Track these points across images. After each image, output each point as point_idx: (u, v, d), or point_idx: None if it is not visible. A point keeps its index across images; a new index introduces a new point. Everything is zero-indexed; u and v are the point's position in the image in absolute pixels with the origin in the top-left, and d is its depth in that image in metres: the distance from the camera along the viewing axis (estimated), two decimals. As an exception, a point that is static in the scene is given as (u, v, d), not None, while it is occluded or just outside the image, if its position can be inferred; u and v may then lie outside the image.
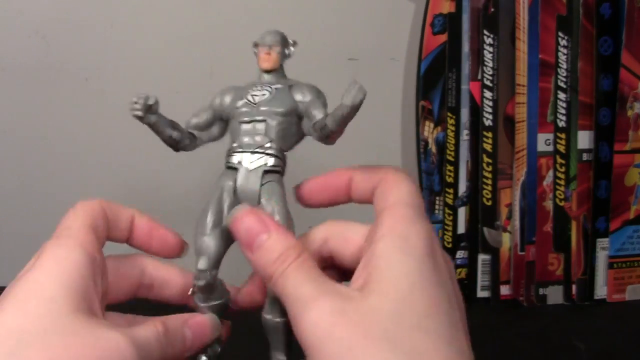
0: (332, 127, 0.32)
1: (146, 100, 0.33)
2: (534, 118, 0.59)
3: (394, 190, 0.30)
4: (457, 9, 0.58)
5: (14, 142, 0.62)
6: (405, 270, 0.26)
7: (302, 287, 0.27)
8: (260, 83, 0.35)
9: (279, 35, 0.36)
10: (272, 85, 0.35)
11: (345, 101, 0.30)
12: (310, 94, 0.35)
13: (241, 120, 0.34)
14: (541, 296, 0.60)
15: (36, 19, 0.60)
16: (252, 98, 0.34)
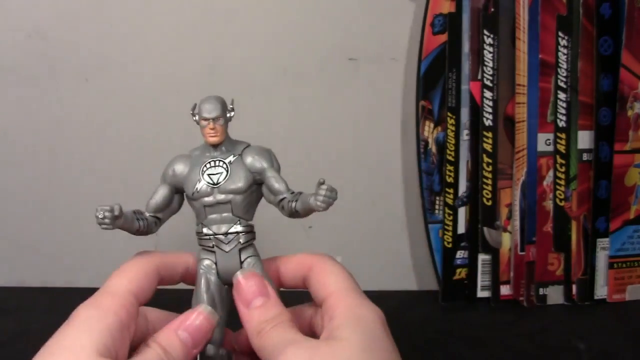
0: (303, 215, 0.34)
1: (112, 212, 0.32)
2: (534, 118, 0.59)
3: (331, 278, 0.33)
4: (457, 9, 0.58)
5: (14, 142, 0.62)
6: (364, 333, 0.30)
7: (280, 338, 0.30)
8: (212, 157, 0.35)
9: (220, 103, 0.36)
10: (225, 159, 0.35)
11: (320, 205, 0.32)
12: (263, 160, 0.35)
13: (205, 204, 0.34)
14: (541, 296, 0.60)
15: (36, 18, 0.60)
16: (210, 179, 0.34)
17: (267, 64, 0.61)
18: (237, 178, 0.34)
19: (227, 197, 0.34)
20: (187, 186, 0.35)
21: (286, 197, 0.35)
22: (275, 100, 0.62)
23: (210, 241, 0.35)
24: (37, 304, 0.60)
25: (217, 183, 0.34)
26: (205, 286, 0.34)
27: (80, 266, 0.64)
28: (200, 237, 0.35)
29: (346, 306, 0.32)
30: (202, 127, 0.35)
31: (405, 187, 0.64)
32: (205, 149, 0.36)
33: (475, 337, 0.54)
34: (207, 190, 0.34)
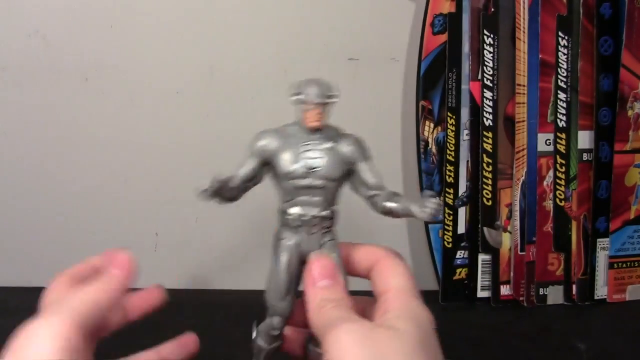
0: (395, 216, 0.35)
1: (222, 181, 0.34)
2: (534, 118, 0.59)
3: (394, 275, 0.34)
4: (457, 9, 0.58)
5: (14, 142, 0.62)
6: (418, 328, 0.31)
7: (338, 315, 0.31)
8: (310, 140, 0.35)
9: (327, 88, 0.35)
10: (322, 144, 0.35)
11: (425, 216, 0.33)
12: (357, 151, 0.36)
13: (297, 185, 0.35)
14: (541, 296, 0.60)
15: (36, 18, 0.60)
16: (307, 163, 0.34)
17: (267, 64, 0.61)
18: (333, 165, 0.35)
19: (322, 183, 0.35)
20: (280, 164, 0.35)
21: (380, 194, 0.35)
22: (275, 100, 0.62)
23: (296, 221, 0.35)
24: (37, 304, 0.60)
25: (314, 168, 0.34)
26: (286, 264, 0.35)
27: (80, 266, 0.64)
28: (287, 215, 0.35)
29: (403, 302, 0.32)
30: (305, 111, 0.35)
31: (405, 187, 0.64)
32: (301, 129, 0.35)
33: (475, 337, 0.54)
34: (303, 173, 0.34)
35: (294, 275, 0.35)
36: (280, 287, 0.35)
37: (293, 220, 0.35)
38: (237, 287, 0.65)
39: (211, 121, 0.62)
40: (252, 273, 0.65)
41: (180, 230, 0.64)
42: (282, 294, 0.35)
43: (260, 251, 0.69)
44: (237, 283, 0.65)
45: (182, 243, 0.64)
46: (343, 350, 0.29)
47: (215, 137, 0.62)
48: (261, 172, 0.36)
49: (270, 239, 0.38)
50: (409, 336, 0.30)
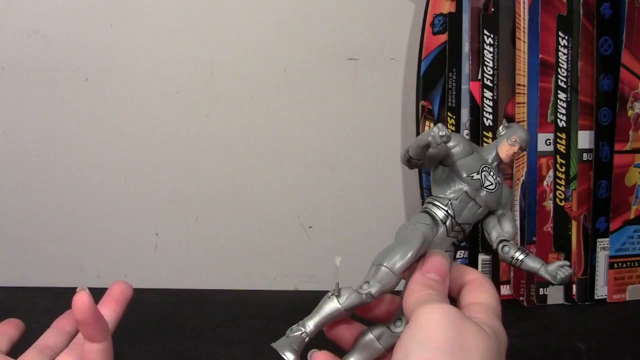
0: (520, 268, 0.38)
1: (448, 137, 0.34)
2: (534, 118, 0.59)
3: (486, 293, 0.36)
4: (457, 9, 0.58)
5: (14, 142, 0.62)
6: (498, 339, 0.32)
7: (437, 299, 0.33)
8: (493, 169, 0.39)
9: (529, 139, 0.40)
10: (498, 177, 0.38)
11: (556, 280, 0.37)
12: (509, 202, 0.40)
13: (466, 191, 0.37)
14: (541, 296, 0.60)
15: (36, 18, 0.60)
16: (486, 181, 0.38)
17: (267, 64, 0.61)
18: (496, 200, 0.38)
19: (482, 203, 0.37)
20: (465, 165, 0.37)
21: (511, 242, 0.38)
22: (275, 100, 0.62)
23: (443, 213, 0.37)
24: (37, 304, 0.60)
25: (484, 187, 0.37)
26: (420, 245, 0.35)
27: (80, 266, 0.64)
28: (440, 203, 0.37)
29: (489, 317, 0.34)
30: (510, 145, 0.39)
31: (405, 187, 0.64)
32: (487, 153, 0.39)
33: None
34: (477, 185, 0.37)
35: (415, 260, 0.35)
36: (404, 262, 0.35)
37: (442, 211, 0.37)
38: (237, 287, 0.65)
39: (211, 121, 0.62)
40: (252, 273, 0.65)
41: (180, 230, 0.64)
42: (401, 269, 0.35)
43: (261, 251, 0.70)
44: (237, 283, 0.65)
45: (182, 243, 0.64)
46: (432, 322, 0.30)
47: (215, 137, 0.62)
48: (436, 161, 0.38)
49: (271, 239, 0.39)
50: (492, 341, 0.31)
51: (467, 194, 0.37)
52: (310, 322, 0.35)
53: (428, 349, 0.29)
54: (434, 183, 0.38)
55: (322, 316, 0.35)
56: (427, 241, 0.36)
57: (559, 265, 0.37)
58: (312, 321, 0.35)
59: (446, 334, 0.29)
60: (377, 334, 0.37)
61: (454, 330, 0.30)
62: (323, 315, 0.35)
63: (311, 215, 0.64)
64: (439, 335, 0.29)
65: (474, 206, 0.37)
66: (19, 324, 0.44)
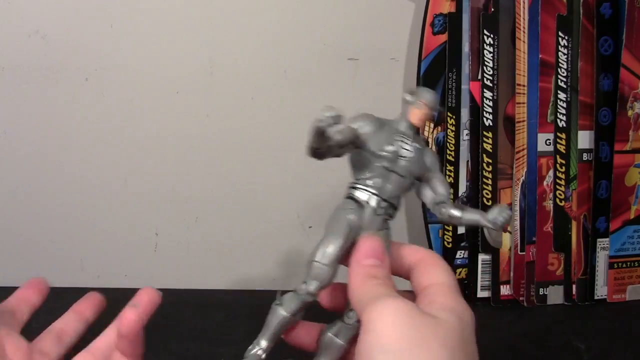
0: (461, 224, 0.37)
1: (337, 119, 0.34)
2: (534, 118, 0.59)
3: (439, 272, 0.34)
4: (457, 9, 0.58)
5: (14, 142, 0.62)
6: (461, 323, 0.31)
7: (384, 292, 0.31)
8: (406, 135, 0.37)
9: (438, 101, 0.38)
10: (415, 143, 0.37)
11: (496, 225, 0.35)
12: (436, 164, 0.38)
13: (384, 165, 0.36)
14: (541, 296, 0.60)
15: (36, 19, 0.60)
16: (402, 149, 0.36)
17: (267, 63, 0.61)
18: (418, 165, 0.36)
19: (403, 173, 0.36)
20: (373, 142, 0.36)
21: (446, 202, 0.37)
22: (275, 100, 0.62)
23: (366, 194, 0.36)
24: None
25: (404, 156, 0.36)
26: (347, 232, 0.35)
27: (80, 266, 0.64)
28: (360, 187, 0.36)
29: (447, 296, 0.32)
30: (416, 107, 0.37)
31: (405, 187, 0.64)
32: (399, 123, 0.37)
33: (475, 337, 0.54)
34: (393, 157, 0.36)
35: (347, 248, 0.35)
36: (333, 251, 0.34)
37: (364, 193, 0.36)
38: (237, 287, 0.65)
39: (211, 121, 0.62)
40: (252, 273, 0.65)
41: (180, 230, 0.64)
42: (332, 259, 0.34)
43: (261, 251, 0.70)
44: (237, 283, 0.65)
45: (182, 243, 0.64)
46: (386, 325, 0.29)
47: (215, 137, 0.62)
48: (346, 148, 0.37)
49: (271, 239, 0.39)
50: (451, 327, 0.30)
51: (386, 168, 0.36)
52: (263, 339, 0.35)
53: (389, 353, 0.28)
54: (353, 167, 0.37)
55: (271, 329, 0.35)
56: (354, 226, 0.35)
57: (498, 210, 0.35)
58: (264, 337, 0.35)
59: (403, 333, 0.29)
60: (334, 331, 0.37)
61: (410, 326, 0.29)
62: (272, 328, 0.35)
63: (311, 215, 0.64)
64: (396, 337, 0.29)
65: (397, 178, 0.36)
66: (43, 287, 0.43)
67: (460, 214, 0.36)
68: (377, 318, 0.29)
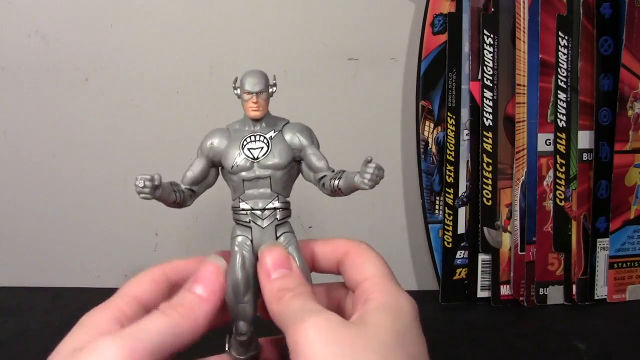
0: (345, 193, 0.34)
1: (152, 182, 0.32)
2: (534, 118, 0.59)
3: (368, 263, 0.33)
4: (457, 9, 0.58)
5: (14, 142, 0.62)
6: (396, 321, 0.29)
7: (302, 307, 0.29)
8: (252, 132, 0.35)
9: (264, 78, 0.35)
10: (265, 134, 0.35)
11: (367, 183, 0.32)
12: (304, 137, 0.35)
13: (244, 178, 0.34)
14: (541, 296, 0.60)
15: (36, 18, 0.60)
16: (250, 153, 0.34)
17: (267, 64, 0.61)
18: (277, 153, 0.34)
19: (267, 172, 0.34)
20: (225, 160, 0.34)
21: (327, 174, 0.34)
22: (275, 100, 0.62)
23: (246, 216, 0.34)
24: (37, 304, 0.60)
25: (257, 158, 0.34)
26: (241, 263, 0.34)
27: (80, 266, 0.64)
28: (237, 211, 0.35)
29: (382, 292, 0.31)
30: (245, 101, 0.35)
31: (405, 187, 0.64)
32: (244, 123, 0.36)
33: (475, 337, 0.54)
34: (247, 165, 0.34)
35: (251, 273, 0.33)
36: (237, 288, 0.33)
37: (243, 216, 0.34)
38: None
39: (211, 121, 0.61)
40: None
41: (180, 230, 0.64)
42: (239, 295, 0.33)
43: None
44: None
45: (182, 243, 0.64)
46: (311, 347, 0.27)
47: (215, 137, 0.62)
48: (210, 174, 0.36)
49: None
50: (384, 332, 0.28)
51: (248, 179, 0.34)
52: None
53: None
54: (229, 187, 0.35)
55: None
56: (245, 250, 0.34)
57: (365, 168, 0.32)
58: None
59: (330, 352, 0.27)
60: None
61: (338, 343, 0.27)
62: None
63: (311, 215, 0.64)
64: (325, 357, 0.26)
65: (266, 180, 0.34)
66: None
67: (338, 183, 0.33)
68: (301, 340, 0.27)
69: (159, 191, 0.33)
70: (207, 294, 0.31)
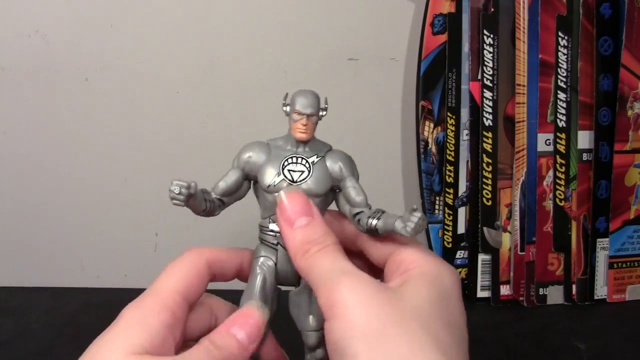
0: (381, 234, 0.32)
1: (188, 189, 0.32)
2: (534, 118, 0.59)
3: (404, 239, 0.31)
4: (457, 9, 0.58)
5: (14, 142, 0.62)
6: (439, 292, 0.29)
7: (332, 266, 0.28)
8: (295, 154, 0.34)
9: (316, 100, 0.34)
10: (308, 158, 0.34)
11: (409, 231, 0.30)
12: (345, 167, 0.34)
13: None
14: (541, 296, 0.60)
15: (36, 19, 0.60)
16: (290, 175, 0.33)
17: (266, 64, 0.61)
18: (317, 180, 0.33)
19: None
20: (262, 176, 0.33)
21: (364, 211, 0.33)
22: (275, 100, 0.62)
23: (274, 238, 0.33)
24: (37, 304, 0.60)
25: (296, 181, 0.33)
26: (261, 284, 0.33)
27: (80, 266, 0.64)
28: (265, 231, 0.34)
29: (424, 260, 0.30)
30: (294, 121, 0.34)
31: (405, 187, 0.64)
32: (287, 141, 0.34)
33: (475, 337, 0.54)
34: (284, 186, 0.33)
35: (269, 298, 0.33)
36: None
37: (270, 237, 0.33)
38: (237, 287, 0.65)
39: (211, 121, 0.62)
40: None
41: (180, 230, 0.64)
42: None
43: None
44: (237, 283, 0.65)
45: (182, 243, 0.64)
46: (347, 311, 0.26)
47: (215, 137, 0.62)
48: (243, 186, 0.35)
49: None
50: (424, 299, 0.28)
51: None
52: None
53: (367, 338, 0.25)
54: (259, 204, 0.34)
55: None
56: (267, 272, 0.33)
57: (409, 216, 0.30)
58: None
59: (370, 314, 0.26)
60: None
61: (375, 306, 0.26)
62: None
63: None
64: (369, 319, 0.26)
65: None
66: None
67: (376, 223, 0.32)
68: (337, 303, 0.27)
69: (192, 199, 0.32)
70: (247, 342, 0.30)
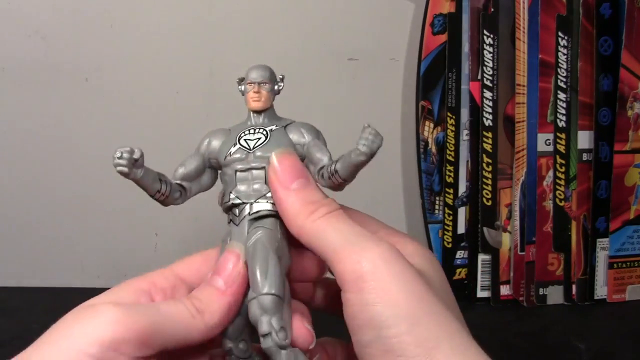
0: (343, 176, 0.29)
1: (131, 154, 0.30)
2: (534, 118, 0.59)
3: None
4: (457, 9, 0.58)
5: (14, 142, 0.62)
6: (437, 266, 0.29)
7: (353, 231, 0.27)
8: (252, 126, 0.32)
9: (268, 70, 0.33)
10: (266, 127, 0.32)
11: (361, 148, 0.28)
12: (308, 134, 0.32)
13: (237, 169, 0.31)
14: (541, 296, 0.60)
15: (36, 19, 0.60)
16: (246, 143, 0.31)
17: (267, 64, 0.61)
18: (276, 145, 0.30)
19: (261, 164, 0.30)
20: (220, 154, 0.32)
21: (326, 164, 0.30)
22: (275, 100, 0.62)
23: (236, 209, 0.31)
24: (37, 304, 0.60)
25: (253, 148, 0.31)
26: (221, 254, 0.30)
27: (80, 266, 0.64)
28: (227, 207, 0.31)
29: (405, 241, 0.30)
30: (247, 92, 0.33)
31: (405, 187, 0.64)
32: (247, 120, 0.33)
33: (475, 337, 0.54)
34: (240, 154, 0.31)
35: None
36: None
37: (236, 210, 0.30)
38: (237, 287, 0.65)
39: (211, 121, 0.62)
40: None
41: (180, 230, 0.64)
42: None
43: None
44: (237, 283, 0.65)
45: (182, 243, 0.64)
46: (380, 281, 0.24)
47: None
48: (206, 174, 0.33)
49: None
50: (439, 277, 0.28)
51: (240, 170, 0.31)
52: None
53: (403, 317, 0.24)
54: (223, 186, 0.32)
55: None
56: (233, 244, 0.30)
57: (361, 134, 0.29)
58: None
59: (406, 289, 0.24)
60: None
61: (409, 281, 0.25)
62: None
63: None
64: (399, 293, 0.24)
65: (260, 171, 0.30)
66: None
67: (335, 166, 0.30)
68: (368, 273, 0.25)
69: (140, 171, 0.30)
70: (225, 287, 0.28)
